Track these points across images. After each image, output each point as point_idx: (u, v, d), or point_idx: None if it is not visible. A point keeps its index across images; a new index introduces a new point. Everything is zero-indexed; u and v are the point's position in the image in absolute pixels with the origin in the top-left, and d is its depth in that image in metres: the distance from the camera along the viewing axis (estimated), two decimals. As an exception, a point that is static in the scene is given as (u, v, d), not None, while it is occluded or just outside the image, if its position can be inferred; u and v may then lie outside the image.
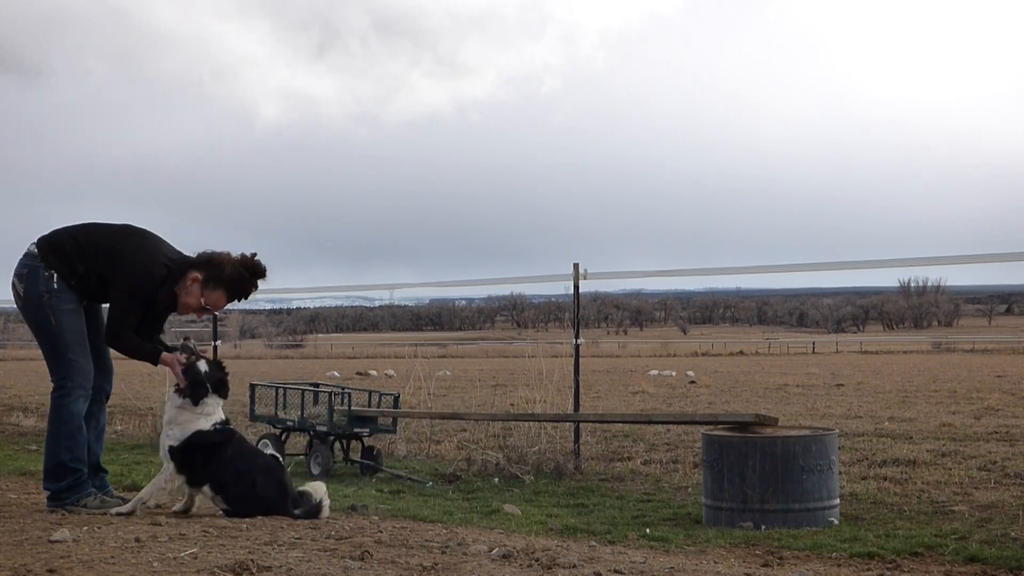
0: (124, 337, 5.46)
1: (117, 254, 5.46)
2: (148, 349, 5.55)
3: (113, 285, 5.45)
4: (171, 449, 5.45)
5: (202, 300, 5.54)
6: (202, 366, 5.52)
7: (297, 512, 5.41)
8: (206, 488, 5.44)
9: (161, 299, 5.56)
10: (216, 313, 5.79)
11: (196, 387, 5.45)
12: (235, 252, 5.61)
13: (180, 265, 5.56)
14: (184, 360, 5.49)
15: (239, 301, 5.69)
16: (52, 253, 5.51)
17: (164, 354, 5.53)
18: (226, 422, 5.58)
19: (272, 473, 5.50)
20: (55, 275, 5.48)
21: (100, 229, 5.61)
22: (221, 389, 5.55)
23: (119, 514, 5.42)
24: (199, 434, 5.43)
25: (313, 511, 5.47)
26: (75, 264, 5.50)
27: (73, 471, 5.53)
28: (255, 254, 5.60)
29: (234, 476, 5.41)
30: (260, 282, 5.66)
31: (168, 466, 5.47)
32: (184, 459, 5.42)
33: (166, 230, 5.74)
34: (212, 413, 5.50)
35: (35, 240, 5.61)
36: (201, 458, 5.41)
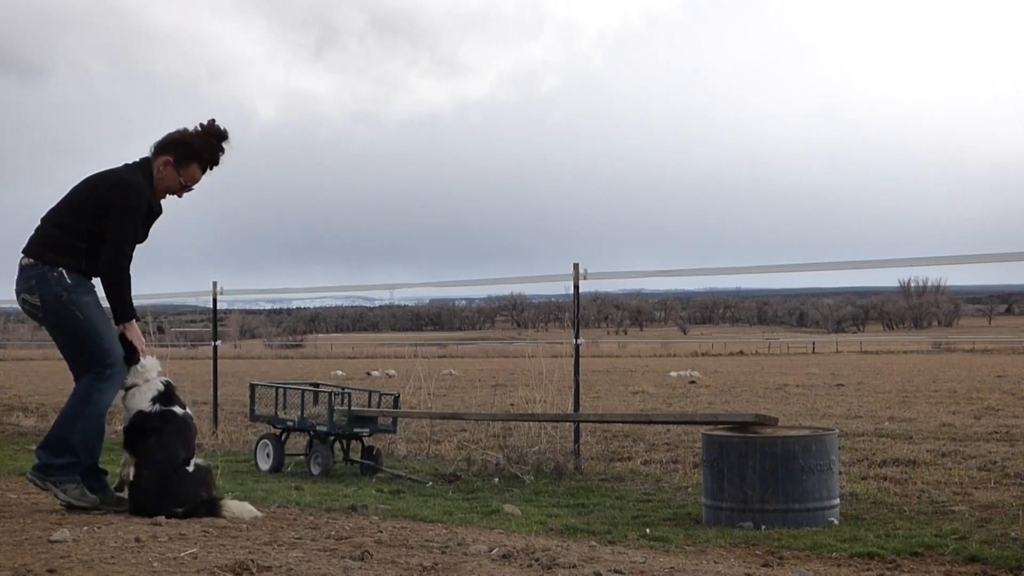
0: (127, 261, 5.42)
1: (102, 201, 5.41)
2: (131, 304, 5.51)
3: (113, 213, 5.39)
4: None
5: (180, 180, 5.61)
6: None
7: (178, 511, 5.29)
8: None
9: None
10: (193, 188, 5.77)
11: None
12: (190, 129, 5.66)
13: (145, 163, 5.58)
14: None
15: (211, 169, 5.69)
16: (48, 250, 5.42)
17: (135, 328, 5.51)
18: (166, 393, 5.57)
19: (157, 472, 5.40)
20: (63, 271, 5.39)
21: (67, 201, 5.55)
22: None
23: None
24: (140, 415, 5.49)
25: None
26: (74, 244, 5.43)
27: (74, 453, 5.40)
28: (213, 120, 5.67)
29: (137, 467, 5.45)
30: (226, 145, 5.70)
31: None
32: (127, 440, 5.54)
33: (163, 229, 5.76)
34: (149, 380, 5.54)
35: (22, 255, 5.51)
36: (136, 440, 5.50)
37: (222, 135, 5.67)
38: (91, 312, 5.43)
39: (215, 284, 11.74)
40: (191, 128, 5.63)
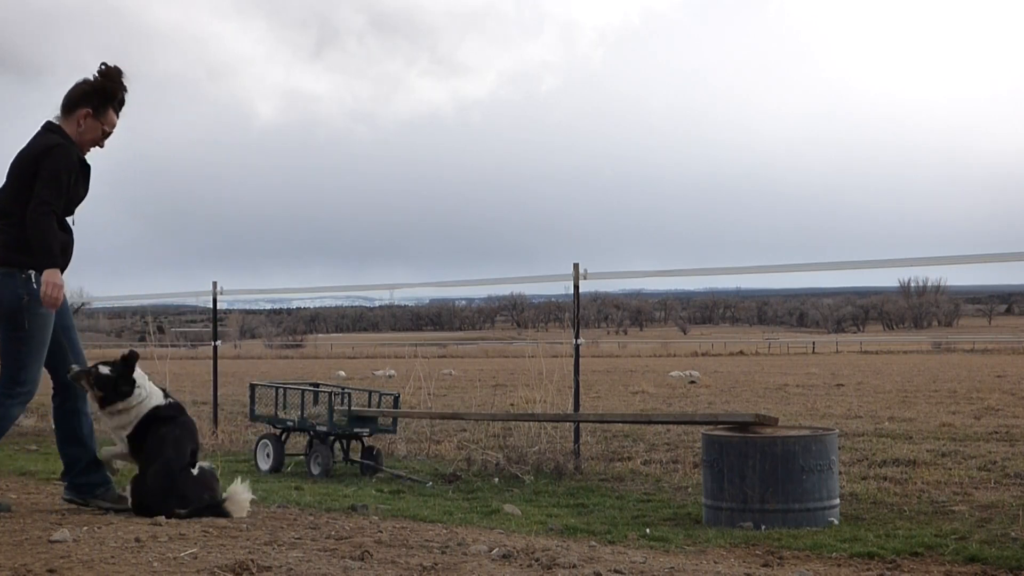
0: (49, 208, 5.33)
1: (32, 174, 5.39)
2: (56, 253, 5.38)
3: (39, 176, 5.37)
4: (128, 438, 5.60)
5: (104, 128, 5.66)
6: (103, 370, 5.55)
7: (181, 512, 5.30)
8: None
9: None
10: (111, 133, 5.79)
11: (108, 391, 5.52)
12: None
13: (54, 127, 5.59)
14: (90, 376, 5.54)
15: (120, 110, 5.75)
16: (12, 251, 5.42)
17: (55, 273, 5.32)
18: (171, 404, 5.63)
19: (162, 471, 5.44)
20: (32, 274, 5.38)
21: (4, 193, 5.53)
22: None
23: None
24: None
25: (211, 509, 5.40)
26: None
27: None
28: (104, 62, 5.70)
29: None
30: (126, 81, 5.73)
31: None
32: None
33: (163, 228, 5.76)
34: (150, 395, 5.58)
35: None
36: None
37: (121, 72, 5.72)
38: (36, 327, 5.42)
39: (215, 284, 11.74)
40: (91, 77, 5.66)
